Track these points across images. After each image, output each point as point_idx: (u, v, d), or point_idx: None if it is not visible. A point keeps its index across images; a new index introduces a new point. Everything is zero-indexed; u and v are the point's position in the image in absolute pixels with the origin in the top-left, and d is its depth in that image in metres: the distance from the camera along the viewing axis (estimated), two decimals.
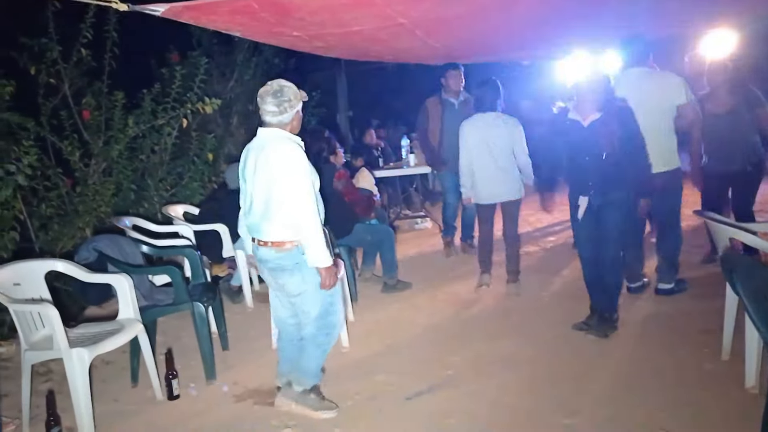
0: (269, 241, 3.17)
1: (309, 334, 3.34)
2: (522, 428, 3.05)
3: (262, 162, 3.09)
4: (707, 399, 3.15)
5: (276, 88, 3.09)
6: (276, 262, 3.19)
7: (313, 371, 3.41)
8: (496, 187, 4.97)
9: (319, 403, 3.38)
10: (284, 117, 3.11)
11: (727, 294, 3.45)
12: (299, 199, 3.03)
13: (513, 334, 4.24)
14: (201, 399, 3.69)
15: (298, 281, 3.19)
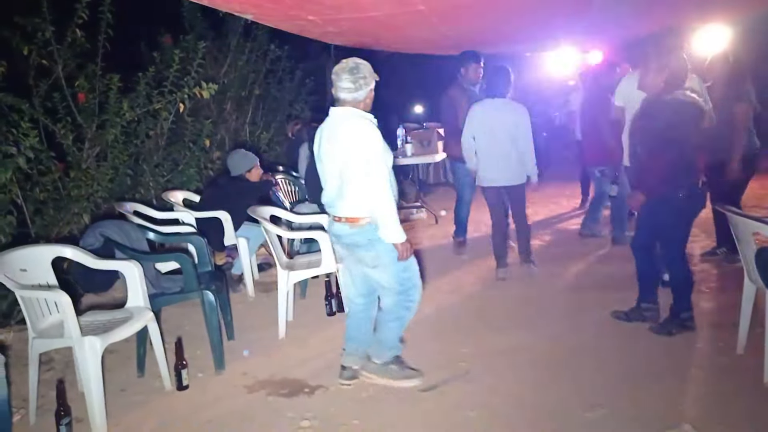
0: (343, 217, 3.24)
1: (387, 308, 3.42)
2: (545, 422, 3.02)
3: (337, 140, 3.17)
4: (726, 393, 3.14)
5: (352, 65, 3.16)
6: (351, 237, 3.26)
7: (392, 343, 3.50)
8: (499, 172, 4.98)
9: (400, 373, 3.47)
10: (359, 94, 3.16)
11: (744, 288, 3.47)
12: (372, 176, 3.10)
13: (523, 326, 4.22)
14: (211, 389, 3.61)
15: (372, 256, 3.26)
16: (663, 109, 3.63)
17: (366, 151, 3.10)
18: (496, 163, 4.96)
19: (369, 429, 3.08)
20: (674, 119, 3.53)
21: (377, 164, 3.10)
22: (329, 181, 3.28)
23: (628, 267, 4.27)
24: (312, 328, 4.44)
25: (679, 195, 3.65)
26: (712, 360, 3.53)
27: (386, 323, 3.47)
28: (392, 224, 3.15)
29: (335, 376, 3.62)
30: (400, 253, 3.23)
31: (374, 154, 3.10)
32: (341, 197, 3.21)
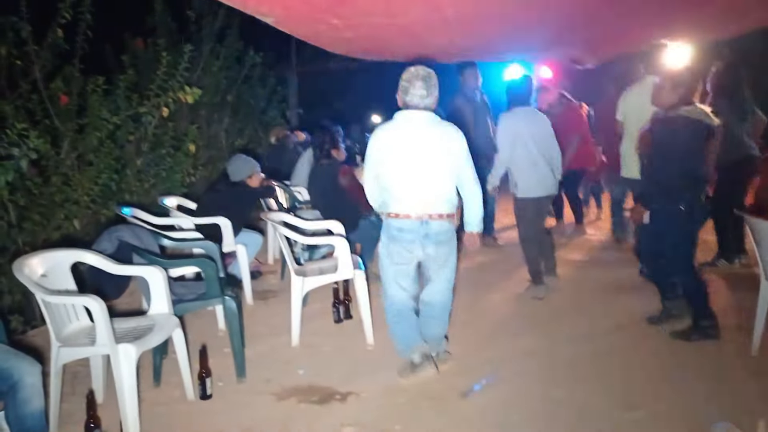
0: (445, 214, 3.46)
1: (443, 303, 3.67)
2: (588, 422, 3.06)
3: (430, 142, 3.41)
4: (750, 391, 3.26)
5: (424, 73, 3.40)
6: (446, 234, 3.49)
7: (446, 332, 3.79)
8: (546, 180, 4.91)
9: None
10: (429, 100, 3.41)
11: (761, 290, 3.61)
12: (470, 173, 3.48)
13: (541, 331, 4.27)
14: (237, 398, 3.50)
15: (447, 252, 3.54)
16: (670, 124, 3.73)
17: (464, 151, 3.44)
18: (543, 172, 4.88)
19: None
20: (681, 135, 3.63)
21: (471, 162, 3.48)
22: (419, 181, 3.43)
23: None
24: (323, 335, 4.37)
25: (680, 208, 3.71)
26: (730, 361, 3.65)
27: (443, 317, 3.71)
28: (481, 214, 3.57)
29: (363, 382, 3.59)
30: (474, 241, 3.63)
31: (468, 153, 3.46)
32: (440, 196, 3.44)
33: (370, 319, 4.19)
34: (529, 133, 4.83)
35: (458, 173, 3.45)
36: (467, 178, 3.48)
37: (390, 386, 3.55)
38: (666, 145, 3.73)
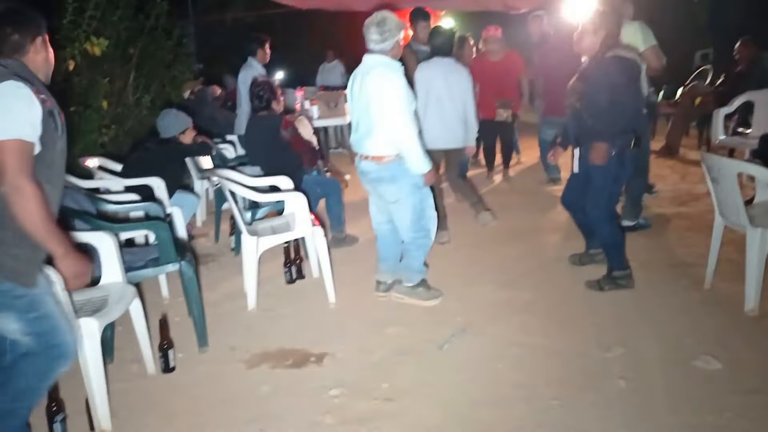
0: (370, 155, 3.61)
1: (409, 239, 3.78)
2: (572, 364, 3.07)
3: (366, 85, 3.52)
4: (719, 323, 3.39)
5: (379, 18, 3.50)
6: (376, 173, 3.64)
7: (418, 268, 3.88)
8: (452, 132, 4.91)
9: (426, 294, 3.88)
10: (385, 45, 3.52)
11: (714, 227, 3.75)
12: (397, 117, 3.45)
13: (498, 280, 4.24)
14: (203, 369, 3.27)
15: (394, 190, 3.64)
16: (606, 67, 3.66)
17: (392, 95, 3.44)
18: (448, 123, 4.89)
19: (404, 390, 2.95)
20: (618, 77, 3.58)
21: (402, 106, 3.46)
22: (359, 122, 3.63)
23: None
24: (278, 297, 4.16)
25: (612, 154, 3.68)
26: (688, 296, 3.78)
27: (410, 252, 3.83)
28: (418, 157, 3.54)
29: (334, 342, 3.45)
30: (426, 180, 3.67)
31: (399, 97, 3.45)
32: (369, 137, 3.57)
33: (332, 277, 4.02)
34: (444, 84, 4.81)
35: (387, 117, 3.49)
36: (393, 123, 3.48)
37: (362, 345, 3.43)
38: (600, 89, 3.64)
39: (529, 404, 2.77)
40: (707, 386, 2.81)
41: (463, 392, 2.92)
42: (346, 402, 2.89)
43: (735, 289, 3.61)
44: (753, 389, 2.76)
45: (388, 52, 3.55)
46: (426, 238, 3.83)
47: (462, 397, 2.87)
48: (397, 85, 3.46)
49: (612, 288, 3.87)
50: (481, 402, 2.82)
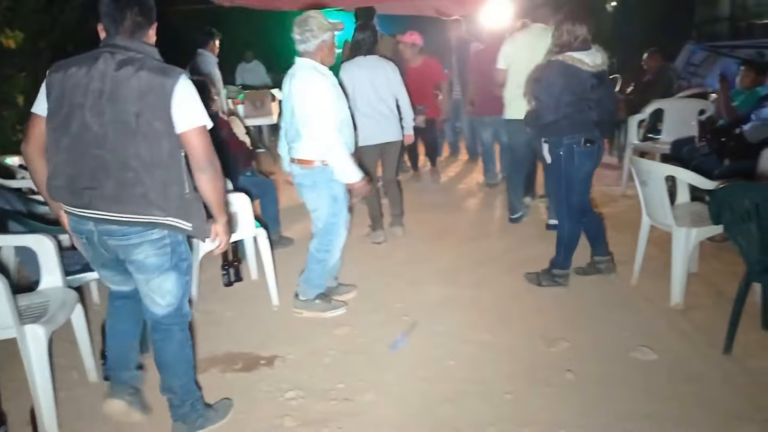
0: (296, 159, 3.53)
1: (312, 249, 3.72)
2: (521, 361, 3.19)
3: (291, 89, 3.42)
4: (650, 317, 3.59)
5: (302, 18, 3.37)
6: (299, 178, 3.58)
7: (314, 282, 3.77)
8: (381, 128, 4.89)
9: (325, 306, 3.79)
10: (307, 46, 3.39)
11: (642, 226, 3.97)
12: (319, 123, 3.33)
13: (442, 278, 4.32)
14: (150, 375, 3.13)
15: (313, 198, 3.58)
16: (547, 70, 3.83)
17: (314, 101, 3.33)
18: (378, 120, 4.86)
19: (361, 389, 2.97)
20: (557, 80, 3.70)
21: (325, 112, 3.34)
22: (288, 126, 3.53)
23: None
24: (218, 300, 4.07)
25: (559, 153, 3.83)
26: (616, 291, 3.99)
27: (309, 265, 3.75)
28: (344, 165, 3.42)
29: (283, 345, 3.43)
30: (356, 191, 3.56)
31: (322, 103, 3.33)
32: (295, 141, 3.49)
33: (275, 279, 3.97)
34: (370, 81, 4.80)
35: (311, 123, 3.37)
36: (317, 130, 3.36)
37: (312, 347, 3.42)
38: (542, 90, 3.80)
39: (485, 399, 2.85)
40: (647, 376, 2.98)
41: (419, 390, 2.96)
42: (303, 404, 2.88)
43: (660, 284, 3.84)
44: (687, 378, 2.95)
45: (312, 54, 3.42)
46: (327, 254, 3.70)
47: (418, 395, 2.92)
48: (320, 90, 3.34)
49: (549, 284, 4.03)
50: (438, 399, 2.87)
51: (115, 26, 2.27)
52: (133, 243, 2.32)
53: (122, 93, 2.19)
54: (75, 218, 2.35)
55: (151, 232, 2.32)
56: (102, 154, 2.21)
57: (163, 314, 2.50)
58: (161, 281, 2.42)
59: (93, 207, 2.26)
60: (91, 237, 2.35)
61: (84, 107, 2.20)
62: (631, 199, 5.85)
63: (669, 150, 5.72)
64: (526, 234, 5.17)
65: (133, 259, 2.36)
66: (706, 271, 4.08)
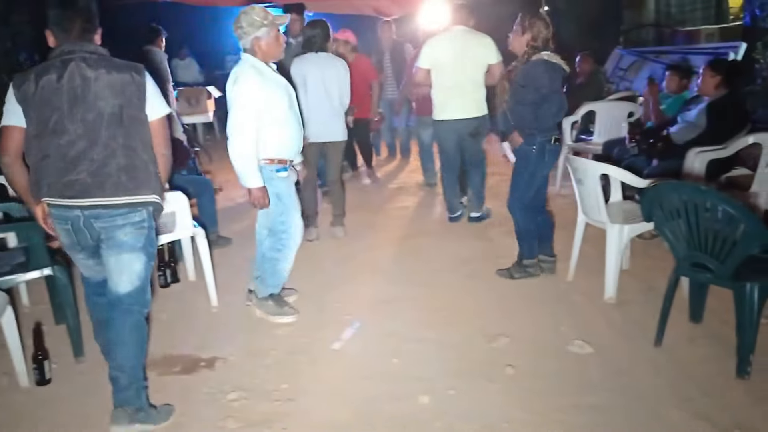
0: None
1: (266, 249, 3.62)
2: (466, 357, 3.22)
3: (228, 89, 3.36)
4: (587, 311, 3.71)
5: (240, 14, 3.29)
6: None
7: (268, 282, 3.67)
8: (326, 126, 4.90)
9: (276, 309, 3.68)
10: (243, 42, 3.32)
11: (578, 224, 4.09)
12: (229, 121, 3.30)
13: (382, 277, 4.35)
14: (86, 380, 3.06)
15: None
16: (531, 69, 3.83)
17: (230, 99, 3.30)
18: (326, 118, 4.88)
19: (304, 389, 2.95)
20: (541, 78, 3.77)
21: (235, 113, 3.26)
22: None
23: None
24: (154, 301, 3.82)
25: (533, 149, 3.92)
26: (555, 286, 4.09)
27: (263, 263, 3.66)
28: (241, 169, 3.32)
29: (223, 346, 3.39)
30: (253, 199, 3.39)
31: (235, 101, 3.26)
32: None
33: (214, 280, 3.90)
34: (321, 78, 4.82)
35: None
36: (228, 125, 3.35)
37: (253, 347, 3.38)
38: (524, 88, 3.86)
39: (429, 395, 2.86)
40: (584, 369, 3.07)
41: (364, 389, 2.96)
42: (246, 405, 2.84)
43: (594, 280, 3.95)
44: (621, 370, 3.05)
45: (249, 51, 3.34)
46: (280, 253, 3.60)
47: (363, 394, 2.92)
48: (237, 90, 3.26)
49: (522, 276, 4.14)
50: (383, 397, 2.88)
51: (67, 33, 2.48)
52: (118, 224, 2.53)
53: (103, 90, 2.44)
54: (62, 208, 2.50)
55: (134, 214, 2.55)
56: (92, 148, 2.45)
57: (127, 292, 2.62)
58: (132, 260, 2.59)
59: (85, 196, 2.46)
60: (77, 222, 2.51)
61: (66, 109, 2.41)
62: (566, 198, 6.04)
63: (601, 150, 5.90)
64: (465, 233, 5.24)
65: (112, 236, 2.55)
66: (637, 267, 4.23)
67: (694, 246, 2.98)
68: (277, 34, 3.37)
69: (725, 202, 2.76)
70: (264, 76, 3.33)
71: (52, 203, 2.51)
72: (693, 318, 3.45)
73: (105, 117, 2.44)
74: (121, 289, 2.61)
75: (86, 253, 2.66)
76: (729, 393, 2.80)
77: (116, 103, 2.45)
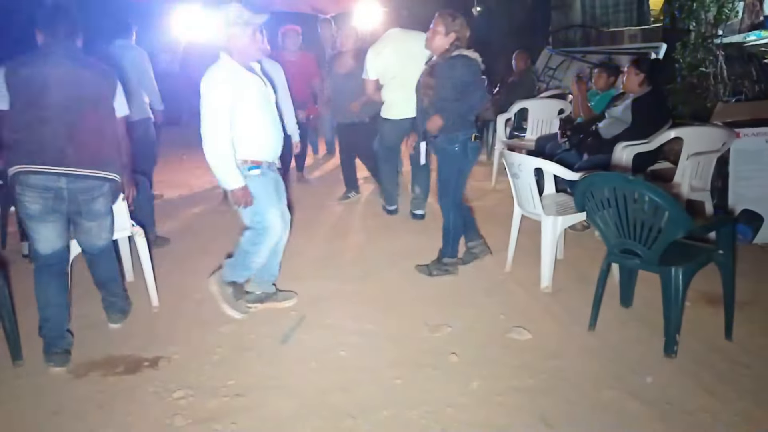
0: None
1: (243, 240, 3.57)
2: (406, 348, 3.30)
3: None
4: (522, 299, 3.84)
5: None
6: None
7: (234, 270, 3.64)
8: None
9: (231, 299, 3.66)
10: (219, 40, 3.34)
11: (514, 216, 4.23)
12: (203, 125, 3.25)
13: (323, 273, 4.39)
14: (27, 383, 2.99)
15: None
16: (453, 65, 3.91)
17: (202, 99, 3.25)
18: None
19: (252, 384, 2.96)
20: (464, 75, 3.91)
21: (206, 113, 3.23)
22: None
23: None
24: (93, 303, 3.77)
25: (455, 148, 4.01)
26: (491, 276, 4.22)
27: (236, 252, 3.62)
28: (219, 172, 3.32)
29: (166, 345, 3.36)
30: (234, 199, 3.38)
31: (206, 103, 3.23)
32: None
33: (154, 280, 3.86)
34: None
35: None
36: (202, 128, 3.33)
37: (198, 346, 3.36)
38: (447, 85, 3.93)
39: (375, 385, 2.94)
40: (523, 354, 3.19)
41: (311, 381, 3.00)
42: (193, 402, 2.83)
43: (530, 270, 4.10)
44: (557, 354, 3.19)
45: (229, 50, 3.30)
46: (253, 246, 3.53)
47: (310, 386, 2.96)
48: (207, 89, 3.23)
49: (440, 273, 4.21)
50: (330, 388, 2.93)
51: (55, 35, 3.05)
52: (95, 196, 3.14)
53: (86, 83, 3.09)
54: (46, 176, 2.98)
55: (103, 186, 3.16)
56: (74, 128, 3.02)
57: (104, 245, 3.40)
58: (106, 223, 3.34)
59: (66, 165, 3.00)
60: (60, 192, 3.03)
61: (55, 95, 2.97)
62: (500, 193, 6.23)
63: (534, 146, 6.11)
64: (403, 228, 5.33)
65: (90, 208, 3.17)
66: (570, 257, 4.41)
67: (623, 233, 3.15)
68: (254, 33, 3.32)
69: (651, 191, 2.93)
70: (237, 75, 3.29)
71: (37, 171, 2.97)
72: (623, 303, 3.64)
73: (91, 103, 3.07)
74: (101, 244, 3.38)
75: (54, 224, 3.11)
76: (658, 371, 2.97)
77: (97, 95, 3.11)
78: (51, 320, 3.16)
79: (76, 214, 3.16)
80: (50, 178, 2.98)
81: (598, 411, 2.69)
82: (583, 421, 2.63)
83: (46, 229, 3.09)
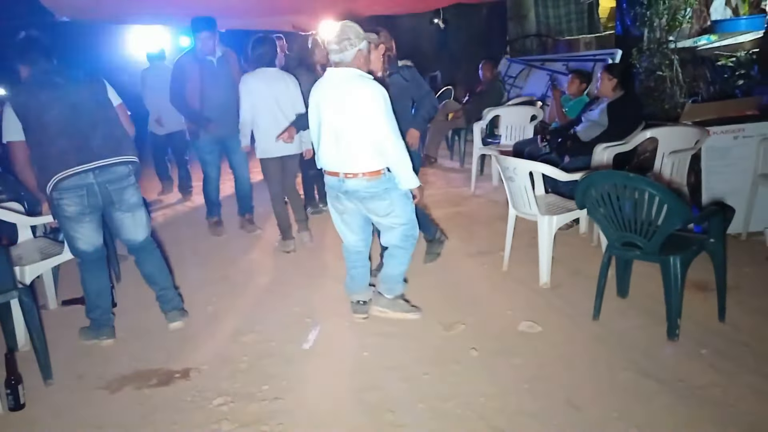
0: (360, 173, 3.40)
1: (399, 244, 3.66)
2: (422, 347, 3.45)
3: (346, 100, 3.33)
4: (522, 296, 4.02)
5: (338, 28, 3.31)
6: (368, 190, 3.44)
7: (400, 278, 3.80)
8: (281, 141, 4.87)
9: (408, 307, 3.83)
10: (344, 55, 3.31)
11: (509, 217, 4.44)
12: (388, 131, 3.31)
13: (332, 277, 4.51)
14: (58, 402, 3.03)
15: (386, 204, 3.50)
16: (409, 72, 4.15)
17: (380, 108, 3.28)
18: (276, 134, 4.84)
19: (286, 388, 3.07)
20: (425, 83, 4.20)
21: (391, 119, 3.33)
22: (342, 139, 3.39)
23: None
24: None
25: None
26: (494, 277, 4.40)
27: (397, 258, 3.73)
28: (409, 172, 3.43)
29: (193, 356, 3.45)
30: (417, 195, 3.57)
31: (387, 109, 3.31)
32: (357, 154, 3.38)
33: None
34: (271, 93, 4.91)
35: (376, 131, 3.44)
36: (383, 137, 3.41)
37: (223, 355, 3.45)
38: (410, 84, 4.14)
39: (405, 382, 3.08)
40: (536, 344, 3.39)
41: (342, 382, 3.13)
42: (234, 408, 2.93)
43: (526, 268, 4.32)
44: (569, 342, 3.39)
45: (353, 63, 3.35)
46: (413, 246, 3.72)
47: (342, 386, 3.09)
48: (385, 97, 3.31)
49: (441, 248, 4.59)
50: (362, 387, 3.06)
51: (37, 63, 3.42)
52: (123, 186, 3.49)
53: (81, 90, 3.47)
54: (76, 176, 3.33)
55: (131, 177, 3.54)
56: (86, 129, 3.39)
57: (144, 237, 3.71)
58: (141, 214, 3.67)
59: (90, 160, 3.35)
60: (92, 188, 3.39)
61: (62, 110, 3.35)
62: (480, 198, 6.46)
63: (511, 151, 6.35)
64: None
65: (122, 198, 3.51)
66: (560, 254, 4.61)
67: (623, 227, 3.38)
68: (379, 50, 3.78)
69: (651, 186, 3.17)
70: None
71: (68, 175, 3.30)
72: (620, 293, 3.87)
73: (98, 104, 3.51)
74: (141, 236, 3.69)
75: (90, 223, 3.48)
76: (665, 353, 3.20)
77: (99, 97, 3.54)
78: (101, 306, 3.67)
79: (110, 206, 3.50)
80: (80, 177, 3.34)
81: (619, 391, 2.90)
82: (607, 401, 2.82)
83: (83, 227, 3.48)
